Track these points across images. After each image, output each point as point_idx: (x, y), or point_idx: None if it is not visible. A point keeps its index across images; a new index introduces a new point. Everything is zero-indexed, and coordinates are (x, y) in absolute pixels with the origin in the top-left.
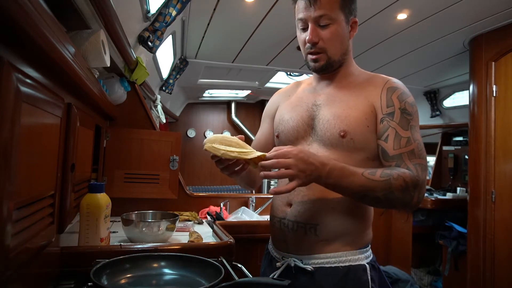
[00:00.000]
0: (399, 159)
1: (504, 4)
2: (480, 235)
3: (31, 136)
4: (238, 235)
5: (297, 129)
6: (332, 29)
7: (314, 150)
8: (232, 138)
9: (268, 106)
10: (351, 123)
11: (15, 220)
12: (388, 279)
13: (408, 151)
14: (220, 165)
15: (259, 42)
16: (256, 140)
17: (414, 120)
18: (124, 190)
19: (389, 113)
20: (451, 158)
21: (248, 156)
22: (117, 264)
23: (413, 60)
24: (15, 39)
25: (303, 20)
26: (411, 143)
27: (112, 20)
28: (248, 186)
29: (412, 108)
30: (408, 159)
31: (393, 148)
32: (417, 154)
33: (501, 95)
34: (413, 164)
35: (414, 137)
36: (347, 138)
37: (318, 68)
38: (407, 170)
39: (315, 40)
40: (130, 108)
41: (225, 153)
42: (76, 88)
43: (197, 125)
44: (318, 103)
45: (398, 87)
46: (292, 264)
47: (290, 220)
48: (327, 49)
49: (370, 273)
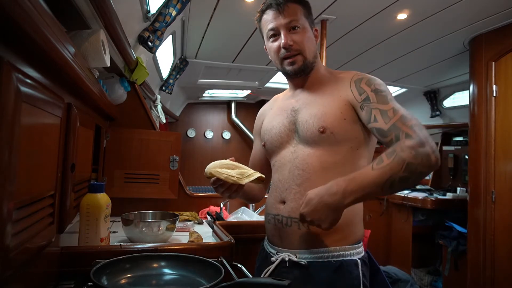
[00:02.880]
0: (395, 128)
1: (504, 4)
2: (480, 235)
3: (31, 136)
4: (238, 235)
5: (280, 135)
6: (303, 33)
7: (300, 151)
8: (227, 161)
9: (256, 123)
10: (328, 119)
11: (15, 220)
12: (388, 279)
13: (399, 118)
14: (221, 188)
15: (259, 42)
16: (252, 156)
17: (389, 94)
18: (124, 190)
19: (365, 99)
20: (451, 158)
21: (247, 180)
22: (117, 264)
23: (413, 60)
24: (15, 39)
25: (275, 28)
26: (397, 111)
27: (112, 20)
28: (251, 201)
29: (382, 87)
30: (403, 124)
31: (385, 122)
32: (409, 117)
33: (501, 95)
34: (408, 126)
35: (397, 106)
36: (327, 133)
37: (296, 70)
38: (406, 139)
39: (290, 43)
40: (130, 108)
41: (227, 177)
42: (76, 88)
43: (197, 125)
44: (296, 108)
45: (364, 76)
46: (286, 259)
47: (284, 216)
48: (302, 50)
49: (362, 268)
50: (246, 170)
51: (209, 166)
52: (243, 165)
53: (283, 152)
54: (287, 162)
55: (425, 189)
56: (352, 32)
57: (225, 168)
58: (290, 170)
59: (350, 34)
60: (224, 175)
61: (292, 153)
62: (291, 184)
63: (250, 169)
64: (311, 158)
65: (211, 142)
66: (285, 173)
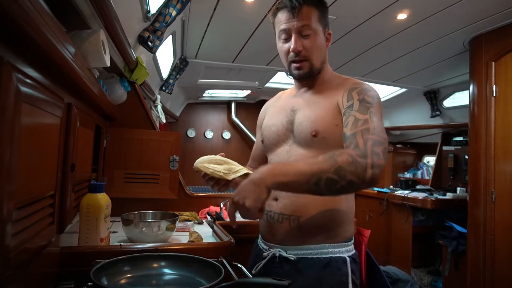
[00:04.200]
0: (353, 137)
1: (504, 4)
2: (480, 235)
3: (31, 136)
4: (238, 235)
5: (278, 134)
6: (313, 39)
7: (294, 151)
8: (216, 157)
9: (259, 118)
10: (321, 123)
11: (15, 220)
12: (388, 279)
13: (362, 129)
14: (211, 182)
15: (259, 42)
16: (253, 150)
17: (374, 107)
18: (124, 190)
19: (349, 106)
20: (451, 158)
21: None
22: (117, 264)
23: (413, 60)
24: (15, 39)
25: (286, 30)
26: (368, 123)
27: (112, 20)
28: None
29: (371, 99)
30: (361, 136)
31: (350, 129)
32: (371, 131)
33: (501, 95)
34: (363, 139)
35: (372, 119)
36: (319, 137)
37: (301, 75)
38: (353, 148)
39: (299, 48)
40: (130, 108)
41: (213, 172)
42: (76, 88)
43: (197, 125)
44: (295, 108)
45: (360, 86)
46: (277, 254)
47: (276, 212)
48: (310, 57)
49: (351, 266)
50: (235, 166)
51: (198, 160)
52: (232, 161)
53: (279, 150)
54: (282, 161)
55: (425, 189)
56: (352, 32)
57: (213, 164)
58: None
59: (350, 34)
60: (210, 170)
61: (287, 152)
62: None
63: (238, 165)
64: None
65: (211, 142)
66: None
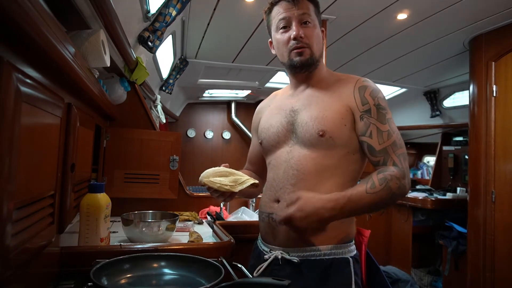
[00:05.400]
0: (385, 153)
1: (504, 4)
2: (480, 235)
3: (31, 136)
4: (238, 235)
5: (278, 135)
6: (313, 28)
7: (296, 151)
8: (221, 168)
9: (253, 120)
10: (328, 123)
11: (15, 220)
12: (388, 279)
13: (391, 144)
14: (216, 194)
15: (259, 42)
16: (250, 153)
17: (388, 113)
18: (124, 190)
19: (366, 111)
20: (451, 158)
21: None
22: (117, 264)
23: (413, 60)
24: (15, 39)
25: (286, 18)
26: (391, 135)
27: (112, 20)
28: (249, 197)
29: (384, 103)
30: (392, 151)
31: (379, 143)
32: (399, 144)
33: (501, 95)
34: (397, 155)
35: (392, 129)
36: (326, 137)
37: (303, 62)
38: (393, 167)
39: (301, 34)
40: (130, 108)
41: (220, 186)
42: (76, 88)
43: (197, 125)
44: (295, 109)
45: (368, 85)
46: (279, 256)
47: (278, 214)
48: (311, 45)
49: (353, 267)
50: (240, 176)
51: (202, 174)
52: (237, 171)
53: (279, 151)
54: (283, 162)
55: (425, 189)
56: (352, 32)
57: (218, 176)
58: (285, 170)
59: (350, 34)
60: (217, 185)
61: (288, 153)
62: (286, 183)
63: (244, 175)
64: (307, 159)
65: (211, 142)
66: (280, 172)
